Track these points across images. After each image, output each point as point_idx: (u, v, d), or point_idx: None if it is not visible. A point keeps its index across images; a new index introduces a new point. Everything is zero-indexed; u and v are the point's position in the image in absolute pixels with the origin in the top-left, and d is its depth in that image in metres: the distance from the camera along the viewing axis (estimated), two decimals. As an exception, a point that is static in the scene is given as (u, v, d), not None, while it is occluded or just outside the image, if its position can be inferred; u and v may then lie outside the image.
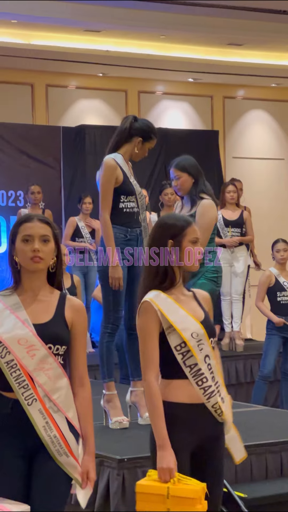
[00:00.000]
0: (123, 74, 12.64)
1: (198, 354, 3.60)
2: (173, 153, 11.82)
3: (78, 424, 3.45)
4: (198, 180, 6.00)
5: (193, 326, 3.62)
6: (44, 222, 3.47)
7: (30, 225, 3.45)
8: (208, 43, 12.04)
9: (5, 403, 3.41)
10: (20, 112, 12.23)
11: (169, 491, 3.45)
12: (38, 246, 3.42)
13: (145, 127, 5.71)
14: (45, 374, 3.39)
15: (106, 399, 5.65)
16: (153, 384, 3.59)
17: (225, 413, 3.66)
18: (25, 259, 3.44)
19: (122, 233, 5.62)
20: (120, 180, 5.60)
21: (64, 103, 12.68)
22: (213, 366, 3.65)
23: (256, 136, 14.02)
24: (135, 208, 5.66)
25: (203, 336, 3.63)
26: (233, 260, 9.88)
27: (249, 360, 9.37)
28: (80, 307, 3.53)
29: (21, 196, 10.99)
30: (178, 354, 3.61)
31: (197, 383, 3.60)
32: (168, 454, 3.52)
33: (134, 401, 5.71)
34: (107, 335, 5.65)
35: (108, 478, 4.83)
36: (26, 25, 10.93)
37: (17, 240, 3.46)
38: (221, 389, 3.67)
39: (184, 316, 3.63)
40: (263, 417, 6.33)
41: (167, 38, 11.69)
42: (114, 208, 5.63)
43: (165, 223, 3.72)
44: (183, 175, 5.98)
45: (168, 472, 3.50)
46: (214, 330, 3.72)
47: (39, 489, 3.38)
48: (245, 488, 4.95)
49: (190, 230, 3.69)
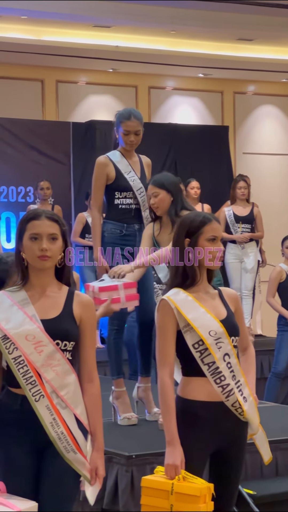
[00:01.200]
0: (133, 70, 12.62)
1: (216, 352, 3.59)
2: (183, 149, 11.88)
3: (87, 421, 3.44)
4: (177, 198, 5.44)
5: (212, 324, 3.61)
6: (52, 219, 3.45)
7: (38, 223, 3.43)
8: (218, 38, 12.00)
9: (14, 399, 3.41)
10: (30, 108, 12.23)
11: (173, 488, 3.45)
12: (46, 245, 3.40)
13: (116, 115, 5.66)
14: (52, 370, 3.38)
15: (115, 396, 5.64)
16: (166, 381, 3.59)
17: (246, 412, 3.63)
18: (33, 257, 3.42)
19: (118, 228, 5.61)
20: (113, 177, 5.59)
21: (74, 98, 12.66)
22: (234, 364, 3.63)
23: (266, 132, 13.98)
24: (133, 205, 5.63)
25: (222, 334, 3.62)
26: (243, 256, 9.87)
27: (259, 356, 9.34)
28: (89, 303, 3.52)
29: (30, 192, 10.99)
30: (195, 352, 3.60)
31: (215, 381, 3.59)
32: (175, 450, 3.52)
33: (142, 396, 5.71)
34: (114, 332, 5.65)
35: (117, 474, 4.83)
36: (36, 21, 10.91)
37: (24, 237, 3.44)
38: (243, 388, 3.65)
39: (203, 314, 3.62)
40: (273, 413, 6.31)
41: (177, 33, 11.66)
42: (110, 204, 5.65)
43: (183, 221, 3.72)
44: (160, 192, 5.41)
45: (173, 468, 3.50)
46: (236, 329, 3.70)
47: (48, 486, 3.38)
48: (254, 485, 4.94)
49: (207, 228, 3.66)
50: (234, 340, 3.68)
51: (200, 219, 3.68)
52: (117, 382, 5.68)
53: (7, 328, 3.39)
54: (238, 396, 3.62)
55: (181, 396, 3.64)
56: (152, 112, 13.15)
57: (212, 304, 3.69)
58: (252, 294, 9.97)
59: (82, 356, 3.48)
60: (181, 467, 3.50)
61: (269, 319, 11.14)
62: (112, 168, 5.60)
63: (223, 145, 12.38)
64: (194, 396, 3.60)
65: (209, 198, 10.63)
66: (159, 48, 11.97)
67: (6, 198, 10.96)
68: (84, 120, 11.92)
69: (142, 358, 5.71)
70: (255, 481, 5.07)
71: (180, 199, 5.45)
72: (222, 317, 3.66)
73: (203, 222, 3.67)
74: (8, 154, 11.07)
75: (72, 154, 11.37)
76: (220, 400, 3.60)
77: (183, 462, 3.51)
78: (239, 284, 9.91)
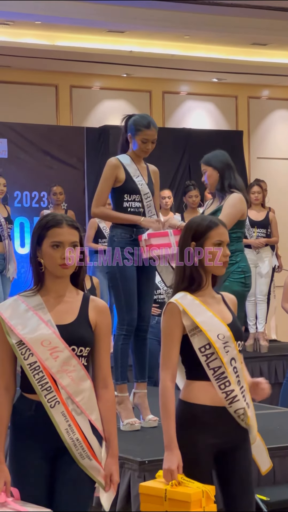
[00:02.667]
0: (147, 75, 12.63)
1: (223, 356, 3.58)
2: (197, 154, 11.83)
3: (102, 427, 3.43)
4: (224, 174, 5.83)
5: (220, 328, 3.60)
6: (73, 227, 3.44)
7: (61, 231, 3.41)
8: (232, 43, 11.99)
9: (28, 405, 3.40)
10: (44, 113, 12.25)
11: (166, 494, 3.45)
12: (69, 254, 3.39)
13: (132, 121, 5.63)
14: (68, 376, 3.37)
15: (118, 401, 5.63)
16: (167, 385, 3.58)
17: (250, 418, 3.63)
18: (54, 265, 3.41)
19: (127, 233, 5.60)
20: (122, 179, 5.59)
21: (88, 104, 12.68)
22: (239, 370, 3.62)
23: (281, 136, 13.95)
24: (141, 208, 5.62)
25: (230, 338, 3.61)
26: (258, 260, 9.85)
27: (274, 361, 9.31)
28: (104, 308, 3.51)
29: (44, 197, 11.00)
30: (201, 356, 3.59)
31: (219, 386, 3.58)
32: (172, 455, 3.51)
33: (137, 403, 5.70)
34: (122, 337, 5.62)
35: (129, 480, 4.81)
36: (50, 26, 10.94)
37: (44, 244, 3.42)
38: (246, 394, 3.64)
39: (211, 317, 3.61)
40: (286, 419, 6.28)
41: (191, 38, 11.65)
42: (119, 208, 5.63)
43: (190, 225, 3.71)
44: (208, 169, 5.87)
45: (169, 473, 3.49)
46: (241, 333, 3.70)
47: (63, 492, 3.38)
48: (267, 491, 4.91)
49: (213, 232, 3.66)
50: (240, 345, 3.66)
51: (207, 223, 3.67)
52: (120, 388, 5.66)
53: (22, 333, 3.39)
54: (242, 402, 3.60)
55: (184, 400, 3.63)
56: (166, 117, 13.15)
57: (218, 308, 3.68)
58: (267, 299, 9.94)
59: (97, 362, 3.48)
60: (178, 472, 3.49)
61: (284, 324, 11.12)
62: (122, 170, 5.59)
63: (237, 150, 12.35)
64: (197, 400, 3.59)
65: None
66: (172, 53, 11.98)
67: (20, 203, 10.97)
68: (98, 125, 11.93)
69: (138, 363, 5.72)
70: (268, 487, 5.05)
71: (228, 175, 5.82)
72: (228, 321, 3.66)
73: (209, 226, 3.66)
74: (22, 159, 11.09)
75: (86, 159, 11.38)
76: (223, 405, 3.58)
77: (180, 466, 3.50)
78: (253, 289, 9.88)
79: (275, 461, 5.14)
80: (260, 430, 3.82)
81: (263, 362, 9.26)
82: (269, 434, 5.55)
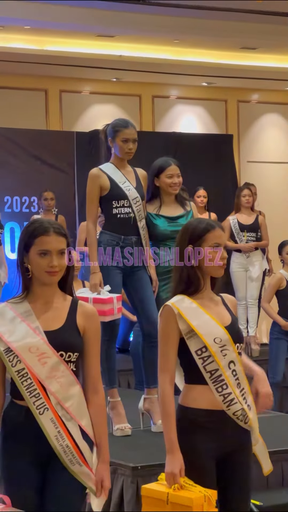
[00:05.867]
0: (137, 79, 12.63)
1: (220, 360, 3.56)
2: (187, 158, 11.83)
3: (92, 432, 3.42)
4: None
5: (217, 331, 3.58)
6: (60, 234, 3.42)
7: (48, 239, 3.39)
8: (222, 47, 12.01)
9: (18, 412, 3.38)
10: (34, 118, 12.24)
11: (168, 497, 3.44)
12: (56, 261, 3.38)
13: (110, 126, 5.68)
14: (57, 382, 3.35)
15: (110, 407, 5.62)
16: (166, 388, 3.57)
17: (252, 420, 3.62)
18: (41, 272, 3.40)
19: (115, 240, 5.58)
20: (107, 187, 5.57)
21: (78, 108, 12.68)
22: (238, 372, 3.60)
23: (270, 140, 13.97)
24: (131, 214, 5.61)
25: (227, 341, 3.59)
26: (248, 264, 9.84)
27: (265, 365, 9.27)
28: (93, 313, 3.49)
29: (35, 202, 10.99)
30: (198, 359, 3.57)
31: (217, 389, 3.56)
32: (174, 458, 3.50)
33: (148, 408, 5.68)
34: (106, 342, 5.60)
35: (122, 486, 4.80)
36: (39, 31, 10.93)
37: (31, 251, 3.41)
38: (247, 396, 3.62)
39: (208, 321, 3.59)
40: (279, 423, 6.27)
41: (180, 42, 11.67)
42: (108, 215, 5.62)
43: (187, 227, 3.70)
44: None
45: (171, 477, 3.48)
46: (240, 336, 3.68)
47: (53, 499, 3.36)
48: (261, 496, 4.89)
49: (210, 235, 3.63)
50: (239, 347, 3.64)
51: (204, 226, 3.65)
52: (111, 393, 5.65)
53: (10, 340, 3.37)
54: (243, 404, 3.59)
55: (182, 404, 3.62)
56: (155, 121, 13.15)
57: (217, 310, 3.66)
58: (257, 303, 9.94)
59: (86, 367, 3.46)
60: (181, 475, 3.48)
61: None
62: (105, 178, 5.58)
63: (227, 153, 12.37)
64: (195, 405, 3.57)
65: (214, 207, 10.61)
66: (162, 57, 11.99)
67: (10, 208, 10.95)
68: (88, 129, 11.92)
69: (148, 369, 5.68)
70: (261, 492, 5.03)
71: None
72: (227, 324, 3.64)
73: (206, 229, 3.64)
74: (12, 164, 11.07)
75: (76, 164, 11.37)
76: (221, 408, 3.57)
77: (183, 470, 3.49)
78: (244, 293, 9.88)
79: (268, 465, 5.13)
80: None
81: (255, 366, 9.23)
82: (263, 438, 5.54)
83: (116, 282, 5.59)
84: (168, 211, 5.81)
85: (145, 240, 5.65)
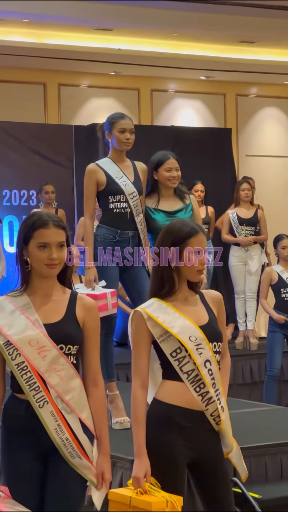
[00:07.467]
0: (135, 73, 12.62)
1: (197, 358, 3.52)
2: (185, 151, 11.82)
3: (93, 425, 3.42)
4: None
5: (192, 331, 3.54)
6: (60, 227, 3.42)
7: (47, 232, 3.39)
8: (221, 41, 11.99)
9: (19, 405, 3.39)
10: (32, 112, 12.23)
11: (130, 501, 3.42)
12: (56, 254, 3.38)
13: (106, 120, 5.71)
14: (57, 375, 3.36)
15: (109, 400, 5.63)
16: (137, 392, 3.56)
17: (223, 421, 3.57)
18: (40, 265, 3.40)
19: (111, 234, 5.60)
20: (104, 182, 5.58)
21: (76, 102, 12.66)
22: (214, 372, 3.55)
23: (269, 134, 13.97)
24: (128, 208, 5.61)
25: (203, 340, 3.54)
26: (247, 258, 9.85)
27: (263, 359, 9.29)
28: (92, 306, 3.49)
29: (33, 195, 10.97)
30: (173, 361, 3.54)
31: (195, 389, 3.53)
32: (140, 463, 3.48)
33: None
34: (103, 335, 5.60)
35: (121, 479, 4.81)
36: (38, 25, 10.91)
37: (31, 244, 3.40)
38: (221, 398, 3.58)
39: (181, 320, 3.55)
40: (277, 416, 6.29)
41: (179, 36, 11.65)
42: (105, 210, 5.64)
43: (170, 229, 3.63)
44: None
45: (136, 481, 3.46)
46: (217, 335, 3.61)
47: (54, 492, 3.36)
48: (259, 489, 4.91)
49: (193, 240, 3.58)
50: (216, 346, 3.58)
51: (188, 229, 3.59)
52: (110, 386, 5.66)
53: (9, 333, 3.37)
54: (217, 404, 3.55)
55: (159, 399, 3.58)
56: (154, 115, 13.14)
57: (191, 310, 3.60)
58: (256, 296, 9.94)
59: (86, 360, 3.46)
60: (146, 480, 3.45)
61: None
62: (102, 173, 5.58)
63: (225, 147, 12.34)
64: (172, 401, 3.54)
65: (212, 200, 10.61)
66: (161, 50, 11.97)
67: (9, 202, 10.94)
68: (86, 123, 11.90)
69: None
70: (260, 485, 5.05)
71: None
72: (203, 323, 3.58)
73: (190, 233, 3.58)
74: (11, 157, 11.05)
75: (74, 158, 11.35)
76: (199, 409, 3.53)
77: (148, 475, 3.46)
78: (243, 286, 9.89)
79: (267, 458, 5.15)
80: (250, 428, 3.81)
81: (253, 359, 9.25)
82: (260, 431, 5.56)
83: (113, 276, 5.60)
84: (167, 206, 5.80)
85: (143, 235, 5.65)
